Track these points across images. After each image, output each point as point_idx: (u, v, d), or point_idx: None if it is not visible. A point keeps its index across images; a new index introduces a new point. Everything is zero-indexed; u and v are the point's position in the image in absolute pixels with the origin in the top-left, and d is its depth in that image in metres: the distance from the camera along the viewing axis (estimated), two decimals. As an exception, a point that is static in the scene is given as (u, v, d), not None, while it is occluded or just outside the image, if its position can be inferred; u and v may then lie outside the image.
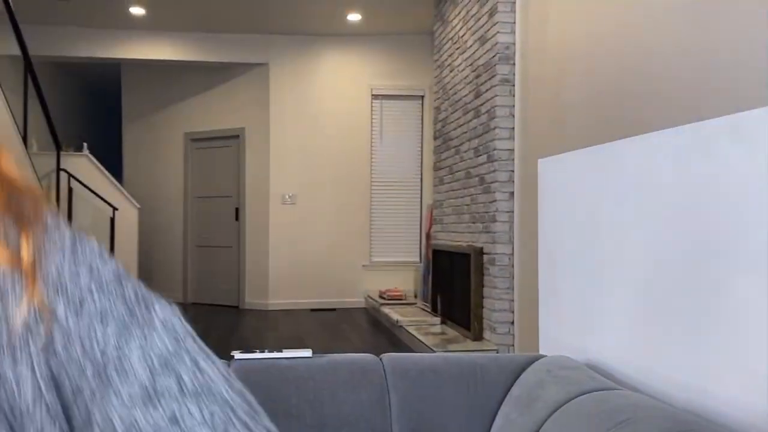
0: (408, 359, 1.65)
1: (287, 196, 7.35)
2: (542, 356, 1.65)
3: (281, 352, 1.63)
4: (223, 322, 6.37)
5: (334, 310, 7.12)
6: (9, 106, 5.71)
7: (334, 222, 7.37)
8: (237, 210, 7.65)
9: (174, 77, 7.99)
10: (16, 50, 5.88)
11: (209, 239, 7.90)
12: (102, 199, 6.68)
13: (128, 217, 6.94)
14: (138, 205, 7.11)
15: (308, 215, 7.37)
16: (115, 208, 6.74)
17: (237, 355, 1.62)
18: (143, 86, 8.14)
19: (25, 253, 0.41)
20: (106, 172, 7.00)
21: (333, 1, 6.31)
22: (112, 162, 7.74)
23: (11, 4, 5.55)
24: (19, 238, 0.42)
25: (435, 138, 5.98)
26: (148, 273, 7.58)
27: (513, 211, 4.48)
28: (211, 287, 7.80)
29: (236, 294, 7.56)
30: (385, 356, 1.64)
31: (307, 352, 1.61)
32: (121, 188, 7.10)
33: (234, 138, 7.70)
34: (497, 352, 4.42)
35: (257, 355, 1.63)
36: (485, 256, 4.67)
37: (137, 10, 6.57)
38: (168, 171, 8.13)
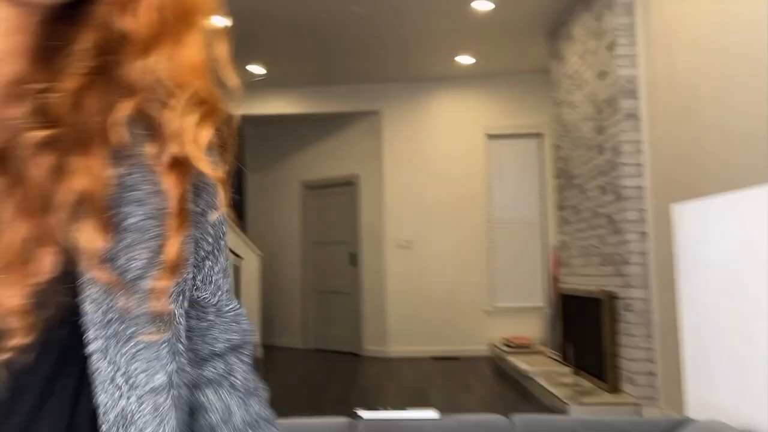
0: (541, 421, 1.54)
1: (403, 241, 7.34)
2: (691, 420, 1.48)
3: (406, 410, 1.59)
4: (343, 370, 6.37)
5: (457, 359, 6.93)
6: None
7: (452, 266, 7.25)
8: (353, 255, 7.72)
9: (290, 129, 8.29)
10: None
11: (327, 285, 8.01)
12: (231, 251, 6.96)
13: (252, 264, 7.18)
14: (260, 253, 7.35)
15: (426, 259, 7.30)
16: (241, 258, 6.99)
17: (363, 414, 1.58)
18: (263, 138, 8.51)
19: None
20: (234, 226, 7.31)
21: (442, 46, 6.33)
22: (236, 211, 8.08)
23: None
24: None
25: (557, 177, 5.76)
26: (269, 319, 7.77)
27: (647, 253, 4.19)
28: (330, 333, 7.86)
29: (355, 340, 7.57)
30: (516, 417, 1.53)
31: (433, 413, 1.55)
32: (245, 238, 7.38)
33: (349, 185, 7.83)
34: (639, 407, 4.09)
35: (383, 414, 1.59)
36: (619, 301, 4.38)
37: (255, 68, 6.90)
38: (286, 218, 8.38)
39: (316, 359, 7.02)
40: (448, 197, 7.32)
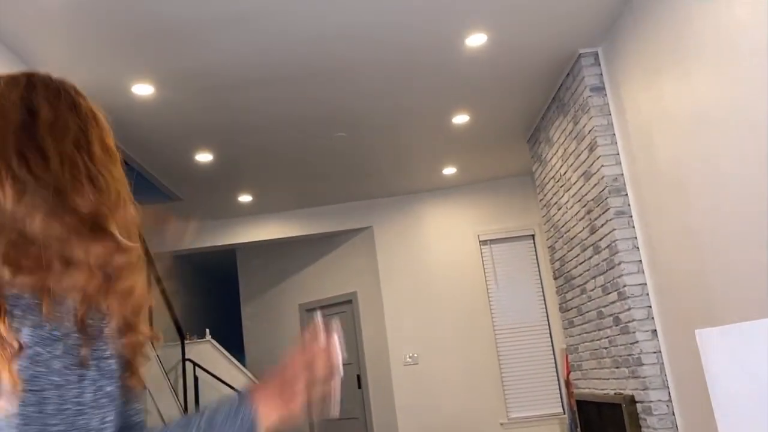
0: None
1: (408, 357, 7.13)
2: None
3: None
4: (360, 504, 5.97)
5: (476, 476, 6.57)
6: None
7: (462, 378, 7.00)
8: (358, 377, 7.47)
9: (284, 252, 8.27)
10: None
11: (335, 411, 7.68)
12: (226, 384, 6.72)
13: (254, 398, 6.90)
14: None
15: (434, 374, 7.06)
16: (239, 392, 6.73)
17: None
18: (257, 265, 8.47)
19: None
20: (229, 356, 7.12)
21: (426, 160, 6.44)
22: (235, 341, 7.90)
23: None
24: None
25: (555, 278, 5.69)
26: (278, 454, 7.38)
27: (660, 352, 4.04)
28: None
29: (369, 467, 7.17)
30: None
31: None
32: (244, 369, 7.16)
33: (347, 303, 7.71)
34: None
35: None
36: (638, 405, 4.18)
37: (245, 198, 6.97)
38: (286, 343, 8.17)
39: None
40: (449, 307, 7.19)
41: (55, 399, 0.71)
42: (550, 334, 6.94)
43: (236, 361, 7.17)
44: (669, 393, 3.99)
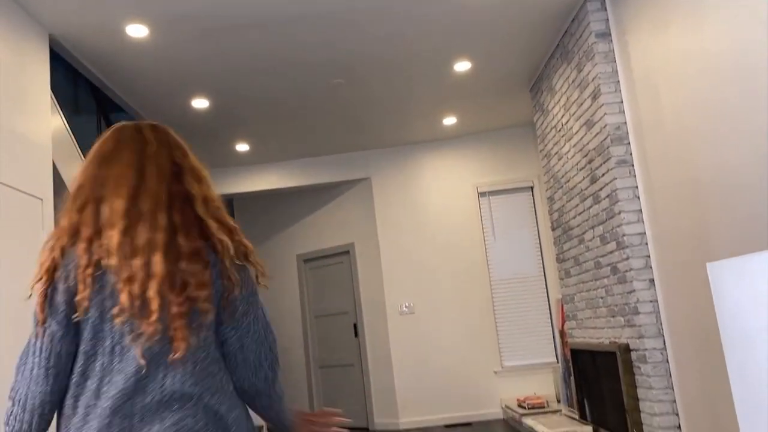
0: None
1: (404, 307, 7.18)
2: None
3: None
4: (356, 448, 6.09)
5: (469, 424, 6.69)
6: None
7: (457, 328, 7.07)
8: (355, 326, 7.54)
9: (282, 203, 8.25)
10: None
11: (331, 358, 7.79)
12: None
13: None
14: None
15: (429, 324, 7.12)
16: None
17: None
18: (255, 215, 8.45)
19: None
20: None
21: (426, 109, 6.35)
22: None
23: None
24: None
25: (553, 229, 5.68)
26: (276, 401, 7.49)
27: (657, 301, 4.06)
28: (339, 409, 7.58)
29: (364, 414, 7.30)
30: None
31: None
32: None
33: (344, 254, 7.72)
34: (668, 465, 3.88)
35: None
36: (633, 353, 4.22)
37: (242, 147, 6.90)
38: (285, 293, 8.22)
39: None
40: (445, 258, 7.21)
41: None
42: (546, 285, 6.98)
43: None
44: (664, 341, 4.02)
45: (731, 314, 1.66)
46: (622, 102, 4.28)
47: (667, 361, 4.00)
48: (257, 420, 5.68)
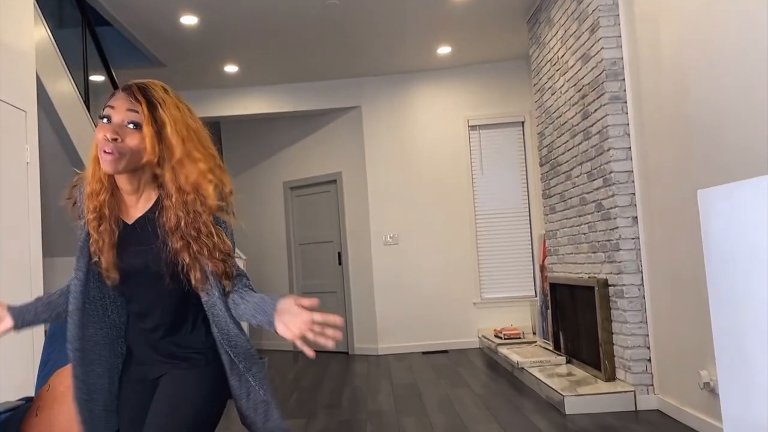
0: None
1: (389, 237, 7.23)
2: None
3: None
4: (334, 370, 6.25)
5: (446, 351, 6.86)
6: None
7: (439, 259, 7.15)
8: (339, 254, 7.60)
9: (270, 128, 8.15)
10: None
11: (314, 285, 7.89)
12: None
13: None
14: (244, 257, 7.20)
15: (412, 254, 7.20)
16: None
17: None
18: (242, 140, 8.36)
19: None
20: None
21: (421, 38, 6.22)
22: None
23: (115, 77, 5.82)
24: None
25: (541, 165, 5.68)
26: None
27: (638, 238, 4.12)
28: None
29: (345, 339, 7.46)
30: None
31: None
32: (228, 242, 7.22)
33: (331, 183, 7.71)
34: (634, 395, 4.02)
35: None
36: (611, 288, 4.31)
37: (231, 68, 6.75)
38: (270, 220, 8.24)
39: (307, 361, 6.90)
40: (432, 191, 7.22)
41: None
42: (530, 220, 7.05)
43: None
44: (642, 278, 4.10)
45: (716, 239, 1.69)
46: (620, 36, 4.22)
47: (644, 297, 4.10)
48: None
